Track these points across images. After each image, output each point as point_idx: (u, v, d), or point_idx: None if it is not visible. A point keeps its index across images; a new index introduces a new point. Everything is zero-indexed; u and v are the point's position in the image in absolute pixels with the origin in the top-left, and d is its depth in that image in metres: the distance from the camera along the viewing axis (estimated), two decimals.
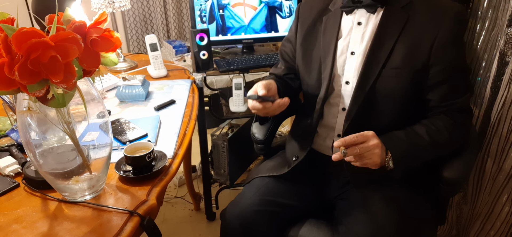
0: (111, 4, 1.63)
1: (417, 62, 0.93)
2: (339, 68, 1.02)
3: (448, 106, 0.97)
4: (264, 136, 1.23)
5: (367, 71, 0.96)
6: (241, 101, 1.64)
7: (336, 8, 1.05)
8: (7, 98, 1.02)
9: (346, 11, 1.01)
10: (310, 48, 1.09)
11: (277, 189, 1.05)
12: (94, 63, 0.67)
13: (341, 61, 1.01)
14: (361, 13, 0.99)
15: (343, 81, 1.02)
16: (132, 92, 1.29)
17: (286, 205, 1.04)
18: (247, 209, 1.01)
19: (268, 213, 1.01)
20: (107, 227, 0.72)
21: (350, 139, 0.87)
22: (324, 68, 1.04)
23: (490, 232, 1.31)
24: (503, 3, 1.17)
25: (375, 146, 0.88)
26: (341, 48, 1.01)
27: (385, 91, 0.96)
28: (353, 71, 0.99)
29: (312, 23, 1.09)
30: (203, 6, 1.64)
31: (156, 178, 0.88)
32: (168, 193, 2.01)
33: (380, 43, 0.96)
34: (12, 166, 0.89)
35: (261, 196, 1.03)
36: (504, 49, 1.14)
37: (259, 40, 1.76)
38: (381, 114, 0.98)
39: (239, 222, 1.00)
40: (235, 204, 1.04)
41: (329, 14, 1.06)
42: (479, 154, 1.30)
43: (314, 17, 1.09)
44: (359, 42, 0.99)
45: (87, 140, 0.77)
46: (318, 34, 1.07)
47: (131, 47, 2.72)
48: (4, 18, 0.62)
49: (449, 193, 1.03)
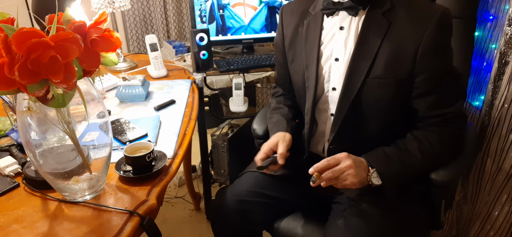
0: (111, 4, 1.63)
1: (401, 71, 0.90)
2: (325, 74, 1.00)
3: (441, 116, 0.93)
4: (264, 132, 1.24)
5: (351, 80, 0.94)
6: (241, 101, 1.64)
7: (317, 11, 1.02)
8: (7, 98, 1.02)
9: (327, 13, 0.98)
10: (295, 54, 1.07)
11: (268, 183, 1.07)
12: (94, 63, 0.67)
13: (326, 68, 0.99)
14: (343, 16, 0.96)
15: (330, 86, 1.00)
16: (132, 92, 1.29)
17: (276, 198, 1.05)
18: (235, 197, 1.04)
19: (256, 203, 1.04)
20: (107, 227, 0.72)
21: (322, 164, 0.88)
22: (308, 76, 1.02)
23: (490, 232, 1.31)
24: (503, 3, 1.17)
25: (348, 167, 0.87)
26: (324, 55, 1.00)
27: (370, 100, 0.94)
28: (338, 78, 0.98)
29: (294, 27, 1.07)
30: (203, 6, 1.64)
31: (156, 178, 0.88)
32: (168, 193, 2.01)
33: (362, 52, 0.93)
34: (12, 166, 0.89)
35: (249, 187, 1.05)
36: (504, 49, 1.14)
37: (259, 40, 1.76)
38: (367, 122, 0.97)
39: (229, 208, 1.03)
40: (227, 191, 1.07)
41: (309, 18, 1.03)
42: (479, 154, 1.30)
43: (296, 20, 1.07)
44: (343, 48, 0.96)
45: (87, 140, 0.77)
46: (300, 39, 1.05)
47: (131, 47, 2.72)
48: (4, 18, 0.62)
49: (440, 196, 1.01)
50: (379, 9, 0.92)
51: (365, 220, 0.91)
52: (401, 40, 0.90)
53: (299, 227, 1.03)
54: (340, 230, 0.92)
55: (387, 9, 0.92)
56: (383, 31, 0.91)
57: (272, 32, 1.74)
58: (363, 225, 0.90)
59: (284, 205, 1.06)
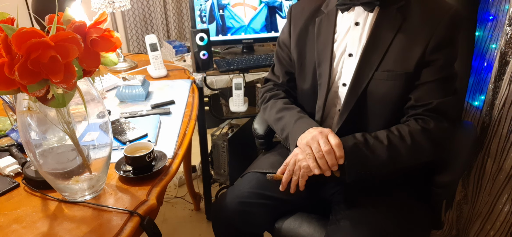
0: (111, 4, 1.63)
1: (410, 64, 0.91)
2: (338, 70, 1.00)
3: (423, 107, 0.92)
4: (265, 131, 1.23)
5: (361, 73, 0.94)
6: (241, 101, 1.64)
7: (330, 8, 1.02)
8: (7, 98, 1.02)
9: (342, 9, 0.99)
10: (303, 53, 1.07)
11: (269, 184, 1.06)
12: (94, 63, 0.67)
13: (340, 64, 1.00)
14: (359, 12, 0.97)
15: (340, 83, 1.00)
16: (132, 92, 1.29)
17: (277, 199, 1.05)
18: (237, 199, 1.03)
19: (258, 205, 1.03)
20: (107, 227, 0.72)
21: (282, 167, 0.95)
22: (320, 73, 1.02)
23: (490, 232, 1.31)
24: (503, 3, 1.17)
25: (293, 155, 0.93)
26: (338, 51, 1.00)
27: (377, 94, 0.94)
28: (350, 73, 0.98)
29: (304, 25, 1.07)
30: (203, 6, 1.64)
31: (156, 178, 0.88)
32: (168, 193, 2.01)
33: (375, 45, 0.94)
34: (12, 166, 0.89)
35: (251, 188, 1.05)
36: (504, 49, 1.14)
37: (259, 40, 1.75)
38: (372, 117, 0.97)
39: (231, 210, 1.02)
40: (228, 193, 1.06)
41: (322, 16, 1.03)
42: (480, 154, 1.30)
43: (306, 19, 1.06)
44: (357, 43, 0.97)
45: (87, 140, 0.77)
46: (311, 37, 1.05)
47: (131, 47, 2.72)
48: (4, 18, 0.62)
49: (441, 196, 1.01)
50: (394, 5, 0.94)
51: (366, 220, 0.91)
52: (414, 34, 0.91)
53: (300, 227, 1.02)
54: (341, 230, 0.92)
55: (402, 5, 0.93)
56: (396, 25, 0.93)
57: (272, 32, 1.74)
58: (364, 225, 0.90)
59: (286, 205, 1.06)
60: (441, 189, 0.96)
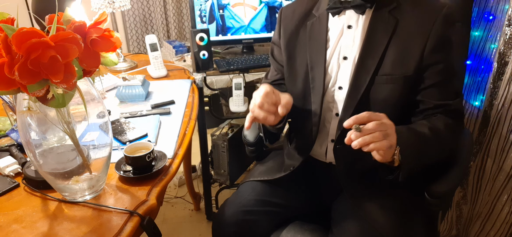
0: (111, 4, 1.63)
1: (409, 67, 0.91)
2: (332, 73, 0.99)
3: (443, 107, 0.94)
4: (255, 138, 1.20)
5: (359, 78, 0.94)
6: (241, 101, 1.64)
7: (321, 11, 1.01)
8: (7, 98, 1.02)
9: (332, 12, 0.97)
10: (293, 56, 1.05)
11: (272, 191, 1.05)
12: (94, 63, 0.67)
13: (334, 67, 0.98)
14: (350, 15, 0.96)
15: (336, 86, 0.99)
16: (132, 92, 1.29)
17: (280, 206, 1.04)
18: (242, 208, 1.01)
19: (262, 212, 1.01)
20: (107, 227, 0.72)
21: (362, 116, 0.79)
22: (313, 77, 1.01)
23: (490, 232, 1.31)
24: (502, 3, 1.17)
25: (391, 126, 0.80)
26: (331, 54, 0.99)
27: (378, 98, 0.94)
28: (346, 76, 0.97)
29: (295, 28, 1.05)
30: (203, 6, 1.64)
31: (156, 178, 0.88)
32: (168, 193, 2.01)
33: (370, 50, 0.93)
34: (12, 166, 0.89)
35: (256, 196, 1.03)
36: (503, 49, 1.14)
37: (259, 40, 1.75)
38: None
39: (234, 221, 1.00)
40: (230, 203, 1.04)
41: (313, 20, 1.02)
42: (479, 154, 1.30)
43: (297, 22, 1.05)
44: (351, 46, 0.96)
45: (87, 140, 0.77)
46: (301, 41, 1.03)
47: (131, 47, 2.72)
48: (4, 18, 0.62)
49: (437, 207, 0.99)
50: (386, 8, 0.93)
51: (367, 226, 0.91)
52: (409, 37, 0.91)
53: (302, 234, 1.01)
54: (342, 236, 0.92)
55: (393, 7, 0.93)
56: (390, 29, 0.92)
57: (272, 32, 1.74)
58: (365, 231, 0.90)
59: (289, 212, 1.05)
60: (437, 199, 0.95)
